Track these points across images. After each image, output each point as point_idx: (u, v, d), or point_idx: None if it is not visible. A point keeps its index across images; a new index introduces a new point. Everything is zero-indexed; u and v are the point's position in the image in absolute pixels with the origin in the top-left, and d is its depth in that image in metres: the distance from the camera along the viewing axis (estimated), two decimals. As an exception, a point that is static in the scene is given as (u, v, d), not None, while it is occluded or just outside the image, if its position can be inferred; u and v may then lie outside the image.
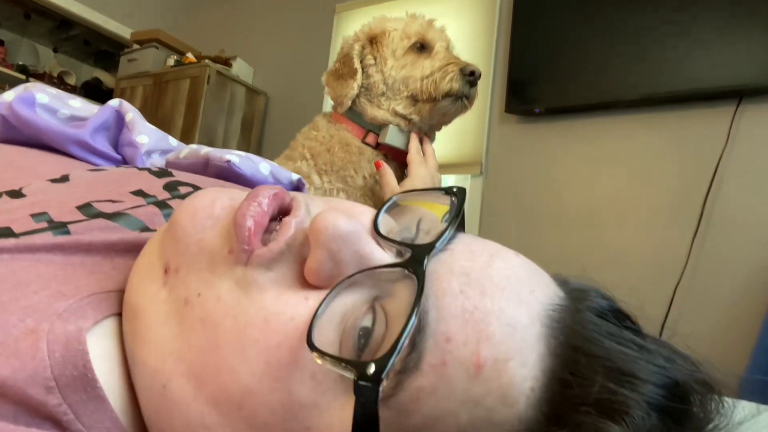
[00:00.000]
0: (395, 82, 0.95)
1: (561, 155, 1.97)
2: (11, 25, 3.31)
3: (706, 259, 1.64)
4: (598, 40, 1.87)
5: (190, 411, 0.23)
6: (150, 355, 0.24)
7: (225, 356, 0.23)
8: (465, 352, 0.22)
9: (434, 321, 0.23)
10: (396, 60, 0.96)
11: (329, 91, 1.01)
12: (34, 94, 0.46)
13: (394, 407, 0.22)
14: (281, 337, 0.23)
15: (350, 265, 0.24)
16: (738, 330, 1.53)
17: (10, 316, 0.23)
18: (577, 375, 0.23)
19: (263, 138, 3.01)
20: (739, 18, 1.63)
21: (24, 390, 0.21)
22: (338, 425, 0.22)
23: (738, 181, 1.64)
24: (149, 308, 0.25)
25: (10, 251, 0.27)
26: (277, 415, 0.22)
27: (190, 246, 0.25)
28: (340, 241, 0.24)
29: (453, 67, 0.93)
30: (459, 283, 0.24)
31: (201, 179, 0.43)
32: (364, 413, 0.21)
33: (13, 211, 0.31)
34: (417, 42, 0.96)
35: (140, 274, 0.27)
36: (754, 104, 1.65)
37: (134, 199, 0.36)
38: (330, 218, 0.24)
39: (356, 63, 0.97)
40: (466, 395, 0.22)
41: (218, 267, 0.25)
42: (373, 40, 0.99)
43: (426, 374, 0.22)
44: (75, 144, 0.44)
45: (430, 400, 0.22)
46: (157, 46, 3.00)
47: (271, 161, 0.54)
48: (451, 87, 0.92)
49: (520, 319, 0.24)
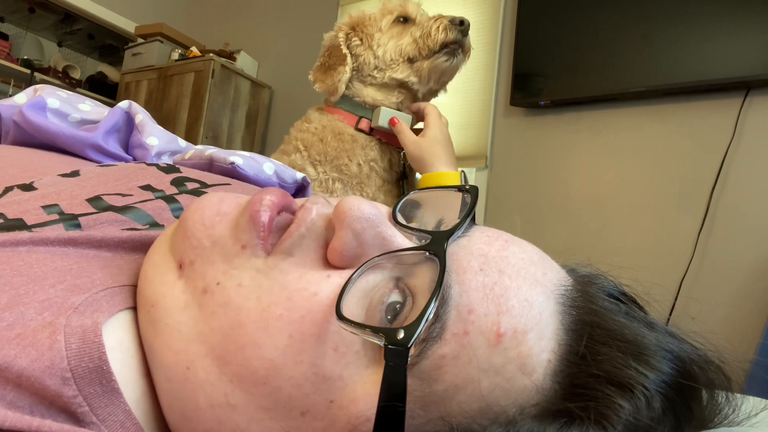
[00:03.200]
0: (386, 52, 0.96)
1: (566, 148, 1.97)
2: (16, 19, 3.31)
3: (713, 251, 1.64)
4: (603, 31, 1.86)
5: (214, 391, 0.24)
6: (171, 341, 0.25)
7: (248, 333, 0.23)
8: (486, 323, 0.24)
9: (456, 294, 0.24)
10: (384, 33, 0.97)
11: (318, 86, 1.01)
12: (45, 99, 0.46)
13: (418, 375, 0.23)
14: (305, 312, 0.23)
15: (373, 247, 0.25)
16: (744, 323, 1.53)
17: (28, 308, 0.23)
18: (591, 348, 0.24)
19: (268, 132, 3.01)
20: (746, 9, 1.62)
21: (41, 380, 0.21)
22: (362, 398, 0.23)
23: (745, 173, 1.63)
24: (167, 298, 0.25)
25: (26, 244, 0.27)
26: (301, 389, 0.23)
27: (203, 240, 0.26)
28: (365, 222, 0.25)
29: (441, 19, 0.94)
30: (478, 262, 0.25)
31: (208, 175, 0.44)
32: (393, 379, 0.22)
33: (24, 203, 0.32)
34: (399, 16, 0.98)
35: (154, 267, 0.27)
36: (762, 96, 1.63)
37: (143, 194, 0.37)
38: (354, 201, 0.25)
39: (344, 49, 0.98)
40: (487, 363, 0.23)
41: (234, 260, 0.25)
42: (355, 27, 1.01)
43: (448, 342, 0.23)
44: (89, 147, 0.45)
45: (453, 368, 0.23)
46: (162, 40, 2.99)
47: (276, 161, 0.54)
48: (446, 36, 0.93)
49: (536, 296, 0.25)
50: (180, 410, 0.25)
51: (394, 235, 0.26)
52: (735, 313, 1.57)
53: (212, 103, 2.71)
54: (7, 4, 3.13)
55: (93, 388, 0.23)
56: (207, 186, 0.41)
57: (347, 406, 0.23)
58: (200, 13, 3.48)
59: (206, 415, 0.24)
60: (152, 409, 0.26)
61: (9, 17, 3.28)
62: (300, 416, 0.23)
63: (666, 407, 0.23)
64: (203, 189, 0.40)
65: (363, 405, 0.23)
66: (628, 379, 0.23)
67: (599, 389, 0.23)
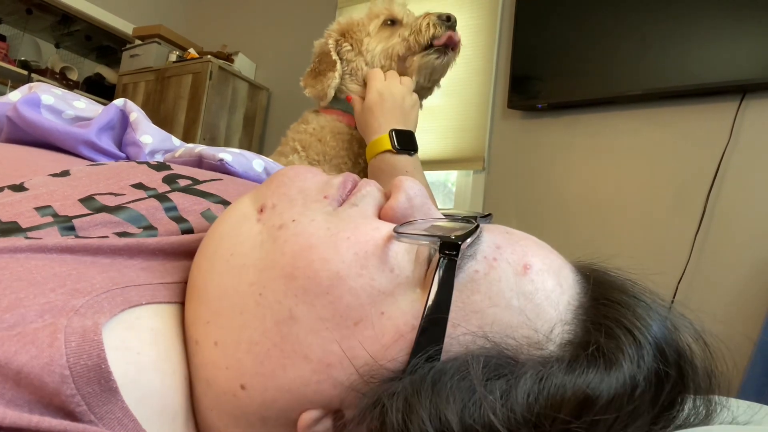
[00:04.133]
0: (375, 56, 0.96)
1: (563, 151, 1.97)
2: (13, 20, 3.30)
3: (709, 254, 1.64)
4: (600, 35, 1.86)
5: (281, 308, 0.26)
6: (248, 275, 0.28)
7: (319, 251, 0.27)
8: (513, 257, 0.28)
9: (487, 237, 0.29)
10: (372, 37, 0.98)
11: (309, 91, 1.01)
12: (39, 95, 0.46)
13: (456, 286, 0.26)
14: (369, 237, 0.27)
15: (420, 211, 0.31)
16: (740, 325, 1.53)
17: (29, 311, 0.23)
18: (608, 299, 0.28)
19: (265, 134, 3.01)
20: (742, 13, 1.62)
21: (40, 377, 0.22)
22: (410, 311, 0.26)
23: (741, 176, 1.64)
24: (246, 243, 0.29)
25: (24, 251, 0.28)
26: (359, 299, 0.26)
27: (292, 188, 0.31)
28: (417, 190, 0.31)
29: (429, 16, 0.95)
30: (502, 230, 0.31)
31: (199, 172, 0.44)
32: (443, 282, 0.25)
33: (17, 205, 0.32)
34: (387, 19, 0.98)
35: (232, 222, 0.30)
36: (758, 99, 1.64)
37: (135, 192, 0.37)
38: (411, 179, 0.31)
39: (334, 55, 0.98)
40: (516, 287, 0.27)
41: (312, 204, 0.30)
42: (344, 33, 1.01)
43: (480, 262, 0.28)
44: (81, 143, 0.44)
45: (485, 282, 0.27)
46: (159, 42, 2.99)
47: (266, 157, 0.54)
48: (435, 31, 0.93)
49: (555, 258, 0.30)
50: (247, 340, 0.27)
51: (436, 211, 0.32)
52: (731, 315, 1.57)
53: (210, 104, 2.70)
54: (4, 5, 3.13)
55: (91, 387, 0.23)
56: (199, 182, 0.41)
57: (397, 316, 0.26)
58: (198, 15, 3.48)
59: (271, 334, 0.26)
60: (156, 408, 0.26)
61: (6, 18, 3.27)
62: (353, 325, 0.26)
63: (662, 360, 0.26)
64: (195, 186, 0.40)
65: (411, 316, 0.26)
66: (634, 328, 0.26)
67: (613, 332, 0.26)
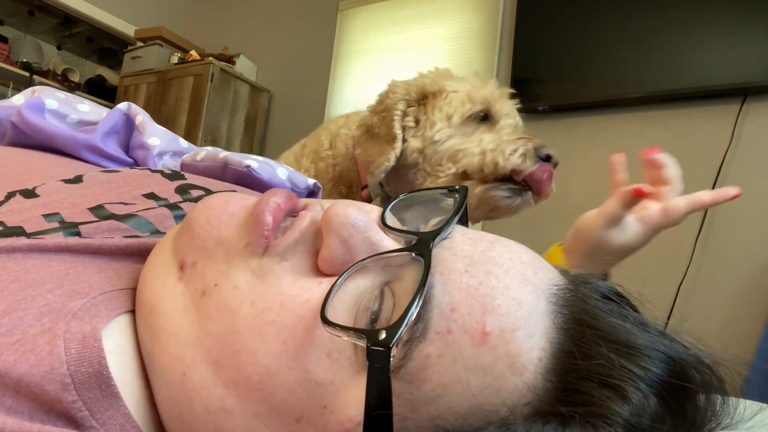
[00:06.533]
0: (437, 153, 0.76)
1: (564, 153, 1.95)
2: (15, 22, 3.31)
3: (710, 257, 1.64)
4: (602, 37, 1.86)
5: (210, 396, 0.24)
6: (169, 346, 0.25)
7: (243, 339, 0.23)
8: (470, 321, 0.23)
9: (439, 293, 0.24)
10: (449, 127, 0.76)
11: (360, 152, 0.82)
12: (43, 99, 0.46)
13: (405, 377, 0.23)
14: (297, 318, 0.23)
15: (361, 252, 0.25)
16: (741, 329, 1.52)
17: (27, 314, 0.23)
18: (583, 347, 0.24)
19: (266, 136, 3.01)
20: (744, 16, 1.62)
21: (40, 386, 0.21)
22: (354, 403, 0.23)
23: (742, 179, 1.64)
24: (167, 301, 0.26)
25: (22, 250, 0.27)
26: (294, 394, 0.23)
27: (207, 240, 0.26)
28: (351, 228, 0.25)
29: (526, 141, 0.73)
30: (463, 263, 0.25)
31: (212, 182, 0.44)
32: (378, 382, 0.22)
33: (25, 211, 0.32)
34: (481, 111, 0.77)
35: (155, 270, 0.27)
36: (759, 102, 1.64)
37: (146, 202, 0.36)
38: (341, 207, 0.25)
39: (396, 128, 0.78)
40: (473, 362, 0.23)
41: (234, 259, 0.25)
42: (421, 99, 0.80)
43: (432, 341, 0.23)
44: (86, 149, 0.44)
45: (439, 367, 0.23)
46: (161, 44, 3.00)
47: (289, 167, 0.54)
48: (523, 162, 0.72)
49: (526, 296, 0.25)
50: (178, 415, 0.25)
51: (382, 239, 0.26)
52: (732, 319, 1.57)
53: (211, 106, 2.71)
54: (6, 6, 3.13)
55: (92, 393, 0.23)
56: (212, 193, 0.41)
57: (340, 410, 0.23)
58: (200, 17, 3.49)
59: (202, 421, 0.24)
60: (151, 411, 0.26)
61: (8, 20, 3.28)
62: (294, 422, 0.23)
63: (663, 406, 0.23)
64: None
65: (355, 410, 0.22)
66: (620, 380, 0.22)
67: (592, 393, 0.22)
